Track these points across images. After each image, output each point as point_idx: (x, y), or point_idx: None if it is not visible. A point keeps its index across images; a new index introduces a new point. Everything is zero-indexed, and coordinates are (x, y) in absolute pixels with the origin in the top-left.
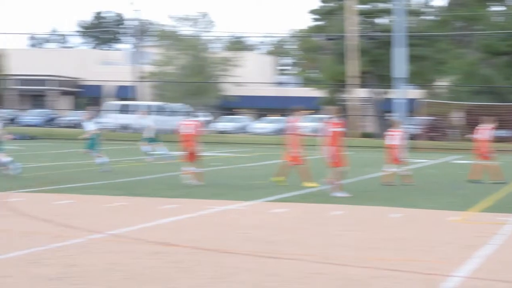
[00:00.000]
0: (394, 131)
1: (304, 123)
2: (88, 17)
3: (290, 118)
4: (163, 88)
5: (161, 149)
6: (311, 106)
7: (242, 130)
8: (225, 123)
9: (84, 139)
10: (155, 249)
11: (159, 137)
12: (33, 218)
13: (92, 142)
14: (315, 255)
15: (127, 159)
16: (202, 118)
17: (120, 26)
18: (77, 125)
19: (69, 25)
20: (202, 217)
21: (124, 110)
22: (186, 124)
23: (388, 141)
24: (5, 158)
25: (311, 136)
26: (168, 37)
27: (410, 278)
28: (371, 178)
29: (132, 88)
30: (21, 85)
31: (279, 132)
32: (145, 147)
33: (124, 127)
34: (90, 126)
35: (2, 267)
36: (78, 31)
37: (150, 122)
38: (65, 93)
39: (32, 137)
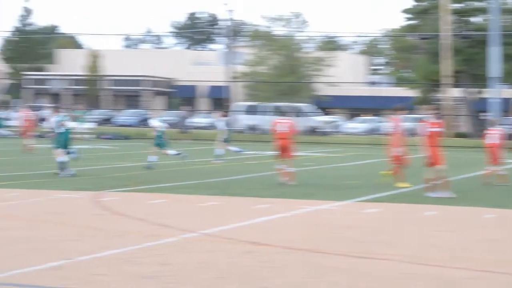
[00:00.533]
0: (493, 130)
1: (404, 122)
2: (182, 18)
3: (392, 117)
4: (255, 88)
5: (234, 149)
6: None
7: (335, 130)
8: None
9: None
10: (248, 249)
11: (231, 137)
12: (127, 217)
13: (160, 139)
14: (408, 255)
15: (223, 159)
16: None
17: (214, 26)
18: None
19: (163, 26)
20: (294, 217)
21: (251, 111)
22: (281, 122)
23: (488, 141)
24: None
25: (408, 135)
26: (261, 37)
27: (507, 280)
28: (465, 178)
29: (225, 88)
30: (116, 86)
31: (371, 132)
32: (219, 150)
33: (251, 128)
34: (155, 123)
35: (97, 265)
36: (172, 32)
37: (223, 123)
38: (159, 93)
39: (126, 137)
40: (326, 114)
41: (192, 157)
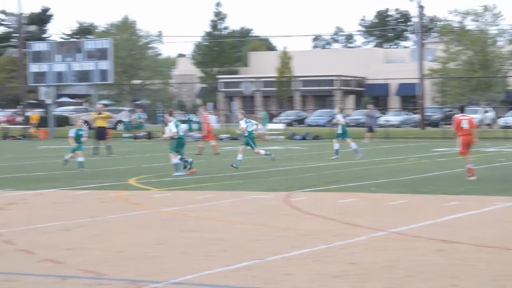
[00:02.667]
0: None
1: None
2: (371, 16)
3: None
4: (445, 84)
5: (353, 145)
6: None
7: None
8: (508, 118)
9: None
10: (438, 247)
11: (348, 133)
12: (316, 217)
13: (343, 132)
14: None
15: (413, 157)
16: (486, 113)
17: (404, 23)
18: (359, 124)
19: (353, 24)
20: (485, 213)
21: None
22: (464, 119)
23: None
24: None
25: None
26: (452, 33)
27: None
28: None
29: (417, 85)
30: (304, 86)
31: None
32: (337, 144)
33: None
34: (340, 118)
35: (287, 265)
36: (361, 30)
37: (341, 118)
38: (349, 92)
39: (315, 137)
40: None
41: (382, 155)
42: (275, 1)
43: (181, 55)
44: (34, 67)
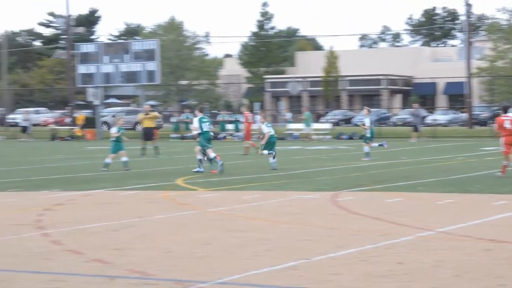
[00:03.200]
0: None
1: None
2: (417, 14)
3: None
4: (493, 83)
5: (365, 149)
6: None
7: None
8: None
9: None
10: (485, 246)
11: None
12: (363, 217)
13: (370, 135)
14: None
15: (460, 156)
16: None
17: (451, 21)
18: (405, 124)
19: (400, 23)
20: None
21: None
22: (507, 119)
23: None
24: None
25: None
26: (500, 31)
27: None
28: None
29: (464, 84)
30: (351, 86)
31: None
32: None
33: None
34: (367, 121)
35: (333, 265)
36: (408, 29)
37: (368, 122)
38: (396, 91)
39: (362, 137)
40: None
41: (429, 154)
42: (321, 0)
43: (227, 56)
44: (82, 69)
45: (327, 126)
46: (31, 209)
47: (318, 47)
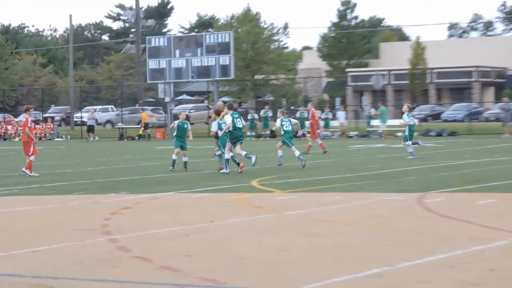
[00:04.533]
0: None
1: None
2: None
3: None
4: None
5: (409, 149)
6: None
7: None
8: None
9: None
10: None
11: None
12: (452, 220)
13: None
14: None
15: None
16: None
17: None
18: (499, 119)
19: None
20: None
21: None
22: None
23: None
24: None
25: None
26: None
27: None
28: None
29: None
30: (439, 79)
31: None
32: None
33: None
34: (406, 118)
35: (420, 272)
36: (501, 17)
37: (407, 118)
38: (488, 84)
39: (451, 133)
40: None
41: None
42: None
43: (306, 48)
44: (152, 64)
45: (414, 122)
46: (97, 213)
47: (403, 38)
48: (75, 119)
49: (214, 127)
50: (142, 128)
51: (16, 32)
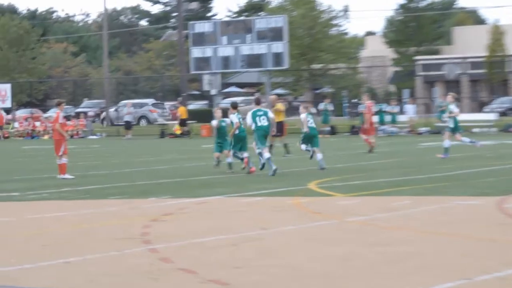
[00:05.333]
0: None
1: None
2: None
3: None
4: None
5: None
6: None
7: None
8: None
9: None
10: None
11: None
12: None
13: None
14: None
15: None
16: None
17: None
18: None
19: None
20: None
21: None
22: None
23: None
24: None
25: None
26: None
27: None
28: None
29: None
30: None
31: None
32: (464, 138)
33: None
34: (454, 108)
35: (501, 285)
36: None
37: (455, 108)
38: None
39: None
40: None
41: None
42: None
43: (370, 34)
44: (196, 52)
45: (492, 116)
46: (135, 219)
47: (479, 21)
48: (112, 115)
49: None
50: (178, 126)
51: (44, 17)
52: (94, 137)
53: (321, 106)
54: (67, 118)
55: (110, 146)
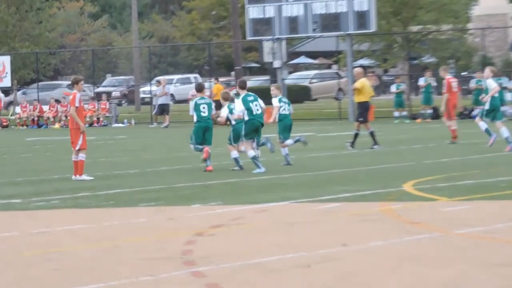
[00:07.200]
0: None
1: None
2: None
3: None
4: None
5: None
6: None
7: None
8: None
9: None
10: None
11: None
12: None
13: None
14: None
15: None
16: None
17: None
18: None
19: None
20: None
21: None
22: None
23: None
24: None
25: None
26: None
27: None
28: None
29: None
30: None
31: None
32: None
33: None
34: (491, 83)
35: None
36: None
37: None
38: None
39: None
40: None
41: None
42: None
43: None
44: (253, 12)
45: None
46: (175, 234)
47: None
48: (143, 96)
49: (224, 112)
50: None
51: None
52: (120, 125)
53: (422, 81)
54: (85, 100)
55: (141, 137)
